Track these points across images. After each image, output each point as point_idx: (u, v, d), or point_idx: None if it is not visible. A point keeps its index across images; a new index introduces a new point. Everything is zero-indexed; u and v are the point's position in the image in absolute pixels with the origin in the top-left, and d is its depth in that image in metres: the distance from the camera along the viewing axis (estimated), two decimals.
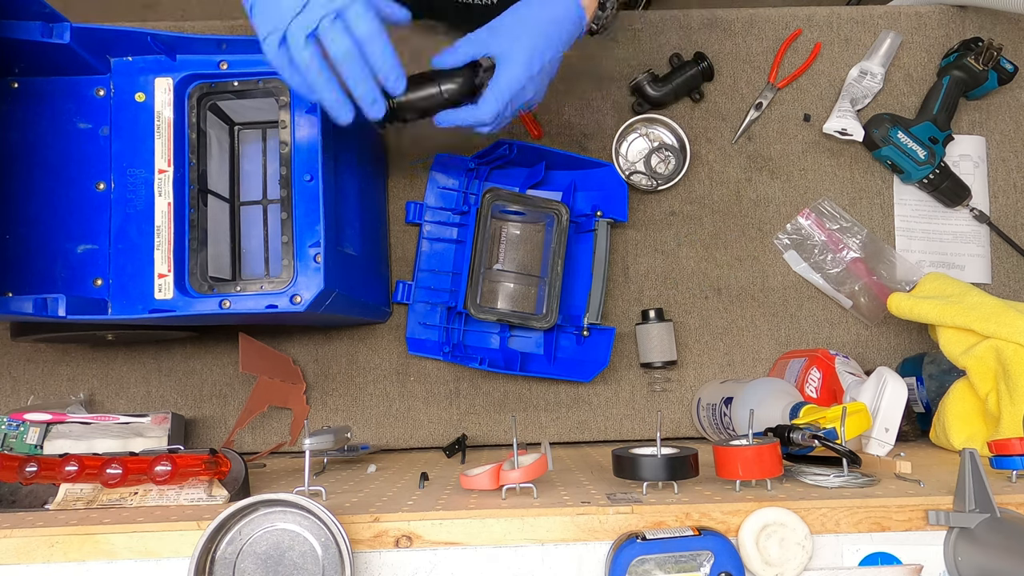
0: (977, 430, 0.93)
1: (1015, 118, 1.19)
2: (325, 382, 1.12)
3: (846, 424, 0.75)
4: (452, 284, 1.11)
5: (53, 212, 0.84)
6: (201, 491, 0.73)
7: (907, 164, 1.13)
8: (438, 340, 1.11)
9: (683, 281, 1.15)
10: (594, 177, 1.11)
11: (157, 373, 1.11)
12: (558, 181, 1.13)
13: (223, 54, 0.86)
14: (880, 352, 1.14)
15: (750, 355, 1.14)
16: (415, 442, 1.12)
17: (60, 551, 0.63)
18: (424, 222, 1.13)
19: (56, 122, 0.86)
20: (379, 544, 0.64)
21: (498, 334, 1.11)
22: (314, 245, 0.82)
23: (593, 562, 0.64)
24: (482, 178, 1.11)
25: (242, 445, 1.09)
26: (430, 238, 1.13)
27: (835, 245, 1.14)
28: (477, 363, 1.06)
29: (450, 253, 1.13)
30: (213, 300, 0.82)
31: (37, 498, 0.74)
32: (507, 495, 0.71)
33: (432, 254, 1.13)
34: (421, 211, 1.13)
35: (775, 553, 0.62)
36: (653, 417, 1.13)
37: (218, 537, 0.61)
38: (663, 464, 0.68)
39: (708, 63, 1.14)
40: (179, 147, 0.85)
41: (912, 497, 0.65)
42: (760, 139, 1.17)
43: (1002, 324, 0.89)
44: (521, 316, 1.07)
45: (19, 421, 0.97)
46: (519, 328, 1.11)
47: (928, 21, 1.19)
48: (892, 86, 1.18)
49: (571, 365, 1.10)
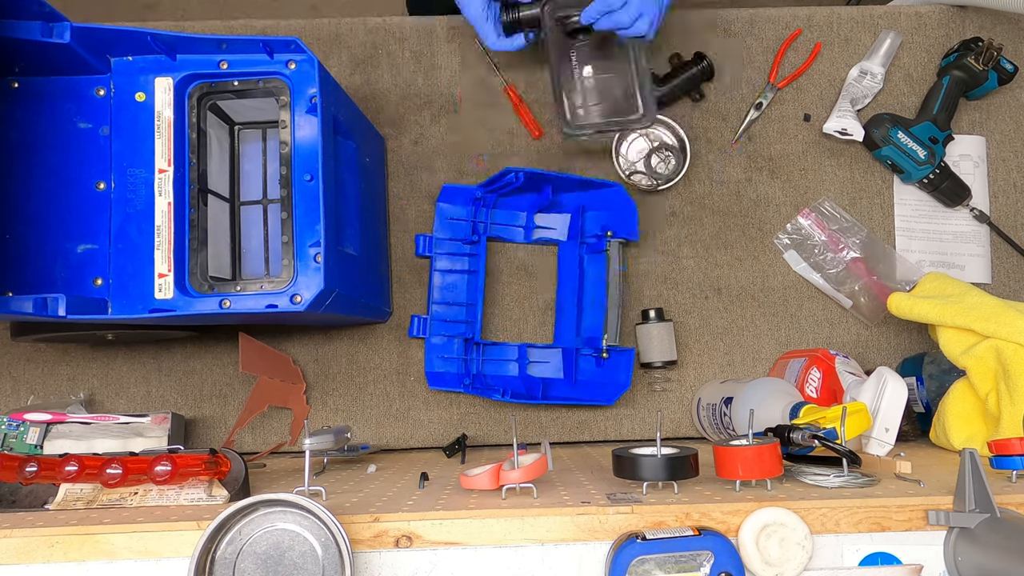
0: (977, 430, 0.93)
1: (1015, 118, 1.19)
2: (325, 382, 1.12)
3: (846, 424, 0.75)
4: (467, 315, 1.11)
5: (53, 212, 0.84)
6: (201, 491, 0.73)
7: (907, 164, 1.13)
8: (457, 372, 1.10)
9: (683, 281, 1.15)
10: (603, 198, 1.10)
11: (157, 373, 1.11)
12: (567, 204, 1.13)
13: (223, 54, 0.86)
14: (880, 352, 1.14)
15: (750, 355, 1.14)
16: (415, 442, 1.12)
17: (60, 551, 0.63)
18: (435, 255, 1.12)
19: (56, 122, 0.86)
20: (379, 544, 0.64)
21: (516, 361, 1.12)
22: (314, 245, 0.82)
23: (593, 562, 0.64)
24: (489, 206, 1.11)
25: (242, 445, 1.09)
26: (442, 271, 1.12)
27: (835, 245, 1.14)
28: (499, 395, 1.05)
29: (463, 284, 1.12)
30: (213, 300, 0.82)
31: (37, 498, 0.74)
32: (507, 495, 0.71)
33: (445, 286, 1.12)
34: (431, 244, 1.12)
35: (775, 553, 0.62)
36: (653, 417, 1.13)
37: (218, 537, 0.61)
38: (663, 464, 0.68)
39: (708, 62, 1.14)
40: (179, 147, 0.85)
41: (912, 497, 0.65)
42: (760, 139, 1.17)
43: (1002, 324, 0.89)
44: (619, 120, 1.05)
45: (19, 421, 0.97)
46: (537, 351, 1.11)
47: (928, 21, 1.19)
48: (892, 86, 1.18)
49: (592, 388, 1.09)
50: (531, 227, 1.14)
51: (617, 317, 1.06)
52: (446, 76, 1.16)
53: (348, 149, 0.96)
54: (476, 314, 1.08)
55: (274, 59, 0.85)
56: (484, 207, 1.10)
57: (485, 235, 1.10)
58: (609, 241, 1.08)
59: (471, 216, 1.12)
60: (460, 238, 1.12)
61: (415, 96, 1.16)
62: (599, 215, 1.12)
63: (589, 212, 1.12)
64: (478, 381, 1.08)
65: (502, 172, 1.05)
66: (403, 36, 1.17)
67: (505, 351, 1.12)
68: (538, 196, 1.10)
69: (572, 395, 1.09)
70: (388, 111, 1.16)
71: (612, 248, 1.08)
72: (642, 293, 1.15)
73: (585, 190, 1.10)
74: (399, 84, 1.16)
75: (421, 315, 1.11)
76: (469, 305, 1.11)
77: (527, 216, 1.13)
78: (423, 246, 1.12)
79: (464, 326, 1.11)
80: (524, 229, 1.14)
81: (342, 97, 0.94)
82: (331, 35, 1.16)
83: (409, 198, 1.15)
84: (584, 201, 1.11)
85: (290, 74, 0.85)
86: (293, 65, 0.85)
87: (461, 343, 1.10)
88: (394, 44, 1.16)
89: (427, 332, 1.11)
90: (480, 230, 1.10)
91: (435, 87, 1.16)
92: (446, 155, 1.15)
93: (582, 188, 1.10)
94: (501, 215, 1.13)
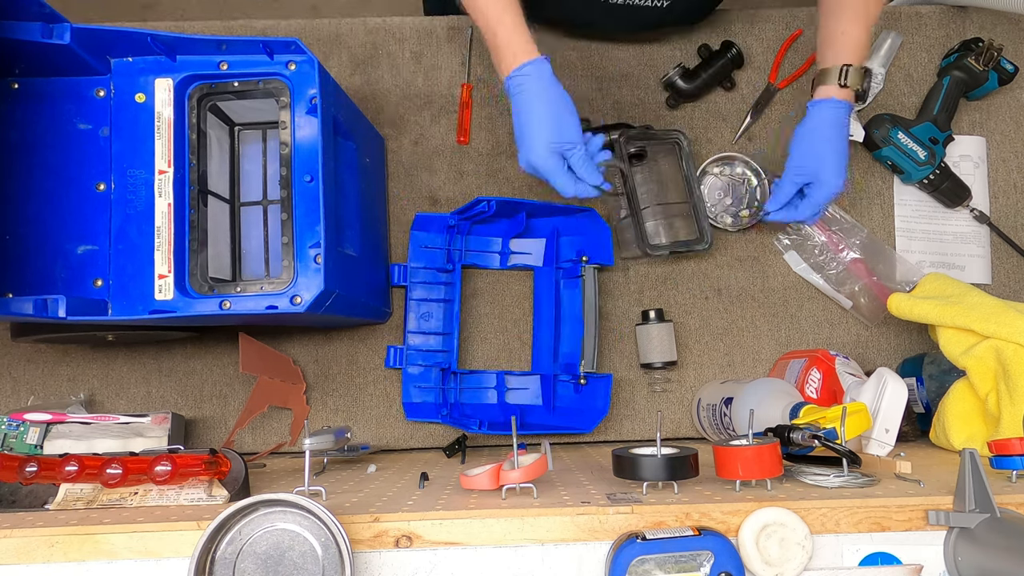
0: (977, 430, 0.93)
1: (1015, 118, 1.19)
2: (325, 382, 1.12)
3: (846, 424, 0.75)
4: (444, 345, 1.10)
5: (53, 213, 0.84)
6: (201, 491, 0.73)
7: (907, 165, 1.13)
8: (435, 402, 1.09)
9: (683, 282, 1.15)
10: (576, 223, 1.11)
11: (157, 373, 1.11)
12: (540, 229, 1.12)
13: (223, 54, 0.86)
14: (880, 352, 1.14)
15: (750, 356, 1.14)
16: (415, 442, 1.12)
17: (60, 551, 0.63)
18: (410, 284, 1.11)
19: (56, 123, 0.86)
20: (379, 544, 0.64)
21: (495, 388, 1.11)
22: (314, 246, 0.82)
23: (593, 562, 0.64)
24: (464, 233, 1.10)
25: (242, 445, 1.09)
26: (417, 300, 1.11)
27: (835, 246, 1.14)
28: (476, 427, 1.04)
29: (439, 313, 1.11)
30: (213, 301, 0.82)
31: (37, 498, 0.74)
32: (507, 495, 0.71)
33: (421, 316, 1.11)
34: (406, 273, 1.11)
35: (775, 553, 0.62)
36: (653, 417, 1.13)
37: (218, 537, 0.61)
38: (663, 464, 0.68)
39: (737, 50, 1.13)
40: (179, 148, 0.85)
41: (912, 497, 0.65)
42: (760, 139, 1.17)
43: (1002, 324, 0.89)
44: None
45: (19, 421, 0.97)
46: (515, 379, 1.11)
47: (928, 21, 1.19)
48: (892, 86, 1.18)
49: (571, 415, 1.09)
50: (507, 253, 1.13)
51: (594, 343, 1.05)
52: (446, 76, 1.16)
53: (348, 150, 0.96)
54: (452, 343, 1.07)
55: (274, 60, 0.85)
56: (459, 234, 1.10)
57: (460, 263, 1.09)
58: (584, 267, 1.07)
59: (445, 244, 1.11)
60: (435, 266, 1.11)
61: (415, 96, 1.16)
62: (574, 240, 1.12)
63: (564, 237, 1.12)
64: (455, 411, 1.07)
65: (474, 201, 1.05)
66: (403, 36, 1.17)
67: (483, 379, 1.11)
68: (512, 222, 1.10)
69: (551, 423, 1.08)
70: (388, 111, 1.16)
71: (587, 273, 1.07)
72: (642, 293, 1.15)
73: (559, 215, 1.10)
74: (399, 84, 1.16)
75: (397, 345, 1.11)
76: (446, 335, 1.10)
77: (503, 242, 1.13)
78: (398, 275, 1.11)
79: (441, 355, 1.10)
80: (500, 255, 1.13)
81: (342, 98, 0.94)
82: (331, 35, 1.16)
83: (409, 199, 1.15)
84: (558, 225, 1.11)
85: (290, 75, 0.85)
86: (293, 66, 0.85)
87: (438, 372, 1.09)
88: (394, 44, 1.16)
89: (403, 362, 1.10)
90: (455, 258, 1.10)
91: (435, 87, 1.16)
92: (446, 155, 1.15)
93: (556, 213, 1.10)
94: (476, 242, 1.13)
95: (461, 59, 1.16)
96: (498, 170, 1.15)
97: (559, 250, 1.12)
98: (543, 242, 1.13)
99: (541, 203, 1.08)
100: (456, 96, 1.16)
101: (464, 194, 1.15)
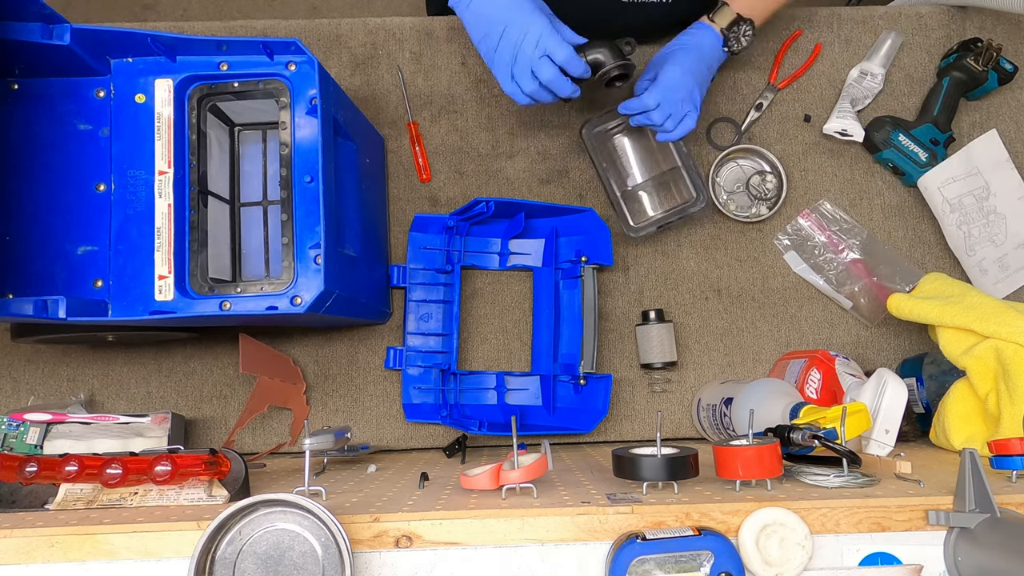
0: (977, 430, 0.93)
1: (1015, 118, 1.19)
2: (325, 382, 1.12)
3: (846, 424, 0.75)
4: (443, 346, 1.10)
5: (53, 213, 0.84)
6: (201, 491, 0.73)
7: (909, 166, 1.13)
8: (435, 403, 1.09)
9: (683, 282, 1.15)
10: (575, 223, 1.10)
11: (157, 373, 1.11)
12: (540, 229, 1.12)
13: (223, 55, 0.86)
14: (880, 353, 1.14)
15: (750, 356, 1.14)
16: (415, 442, 1.12)
17: (60, 551, 0.63)
18: (409, 285, 1.11)
19: (56, 123, 0.86)
20: (379, 544, 0.64)
21: (494, 389, 1.11)
22: (314, 246, 0.82)
23: (593, 562, 0.64)
24: (463, 234, 1.10)
25: (242, 445, 1.09)
26: (417, 301, 1.11)
27: (835, 246, 1.14)
28: (476, 428, 1.04)
29: (439, 314, 1.11)
30: (213, 301, 0.82)
31: (37, 498, 0.74)
32: (507, 495, 0.71)
33: (420, 317, 1.11)
34: (405, 274, 1.11)
35: (775, 553, 0.62)
36: (653, 417, 1.13)
37: (218, 537, 0.61)
38: (663, 464, 0.68)
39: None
40: (179, 148, 0.85)
41: (912, 497, 0.65)
42: (760, 140, 1.17)
43: (1002, 324, 0.89)
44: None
45: (19, 421, 0.97)
46: (515, 379, 1.11)
47: (928, 22, 1.19)
48: (892, 87, 1.18)
49: (571, 415, 1.09)
50: (506, 253, 1.13)
51: (594, 343, 1.05)
52: (446, 76, 1.16)
53: (348, 150, 0.96)
54: (452, 344, 1.08)
55: (274, 60, 0.85)
56: (457, 235, 1.10)
57: (459, 264, 1.09)
58: (583, 267, 1.07)
59: (444, 245, 1.11)
60: (434, 268, 1.11)
61: (415, 96, 1.16)
62: (572, 240, 1.12)
63: (563, 237, 1.12)
64: (455, 412, 1.07)
65: (473, 202, 1.05)
66: (403, 36, 1.17)
67: (482, 380, 1.11)
68: (511, 222, 1.10)
69: (550, 423, 1.08)
70: (388, 111, 1.16)
71: (586, 274, 1.07)
72: (642, 294, 1.15)
73: (558, 215, 1.10)
74: (399, 84, 1.16)
75: (396, 346, 1.11)
76: (445, 336, 1.10)
77: (502, 243, 1.13)
78: (397, 277, 1.11)
79: (440, 356, 1.10)
80: (499, 256, 1.13)
81: (342, 98, 0.94)
82: (331, 36, 1.16)
83: (409, 199, 1.15)
84: (557, 226, 1.11)
85: (290, 75, 0.85)
86: (293, 66, 0.85)
87: (438, 373, 1.09)
88: (394, 44, 1.17)
89: (403, 363, 1.10)
90: (454, 259, 1.10)
91: (435, 87, 1.16)
92: (446, 155, 1.15)
93: (555, 214, 1.10)
94: (475, 242, 1.13)
95: (461, 59, 1.17)
96: (498, 170, 1.15)
97: (558, 250, 1.12)
98: (542, 242, 1.13)
99: (540, 203, 1.08)
100: (456, 96, 1.16)
101: (464, 194, 1.15)
